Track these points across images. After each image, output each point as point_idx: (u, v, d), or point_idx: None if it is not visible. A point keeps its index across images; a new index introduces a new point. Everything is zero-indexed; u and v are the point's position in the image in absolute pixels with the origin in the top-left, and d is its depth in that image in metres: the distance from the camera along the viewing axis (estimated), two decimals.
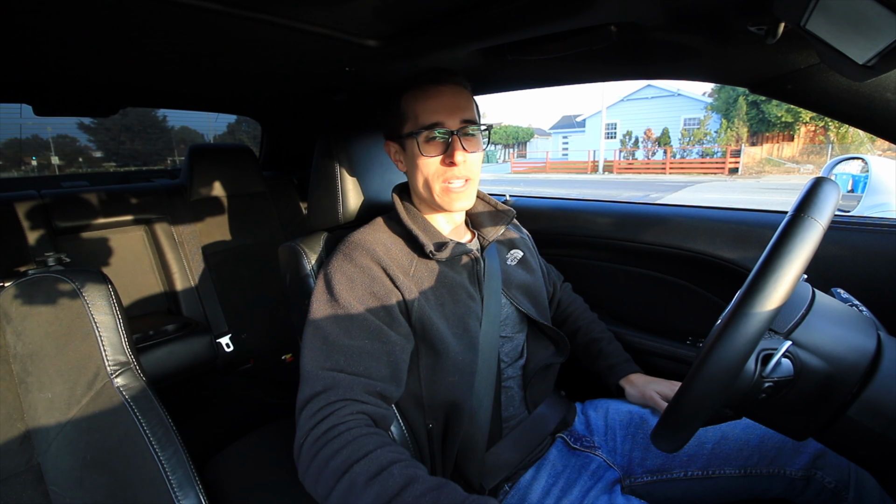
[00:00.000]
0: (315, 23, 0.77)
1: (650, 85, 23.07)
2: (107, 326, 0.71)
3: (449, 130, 0.81)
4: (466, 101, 0.84)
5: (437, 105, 0.81)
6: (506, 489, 0.82)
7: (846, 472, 0.78)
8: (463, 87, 0.86)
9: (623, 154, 23.36)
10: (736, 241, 1.14)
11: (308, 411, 0.66)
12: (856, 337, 0.54)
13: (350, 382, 0.67)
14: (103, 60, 0.97)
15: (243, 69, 1.09)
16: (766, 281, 0.48)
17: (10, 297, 0.69)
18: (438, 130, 0.81)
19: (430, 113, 0.81)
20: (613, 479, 0.86)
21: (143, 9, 0.67)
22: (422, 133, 0.80)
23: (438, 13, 0.74)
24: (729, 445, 0.85)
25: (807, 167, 18.38)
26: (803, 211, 0.50)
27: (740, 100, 20.14)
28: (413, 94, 0.83)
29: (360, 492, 0.57)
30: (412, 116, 0.83)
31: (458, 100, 0.83)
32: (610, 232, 1.37)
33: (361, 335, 0.71)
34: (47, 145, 6.72)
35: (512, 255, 1.00)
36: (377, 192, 1.01)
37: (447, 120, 0.81)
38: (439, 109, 0.81)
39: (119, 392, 0.68)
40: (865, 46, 0.48)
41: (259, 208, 1.99)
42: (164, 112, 6.14)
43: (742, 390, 0.53)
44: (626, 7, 0.67)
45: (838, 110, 0.75)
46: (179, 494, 0.64)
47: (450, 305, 0.82)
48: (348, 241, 0.82)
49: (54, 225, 1.55)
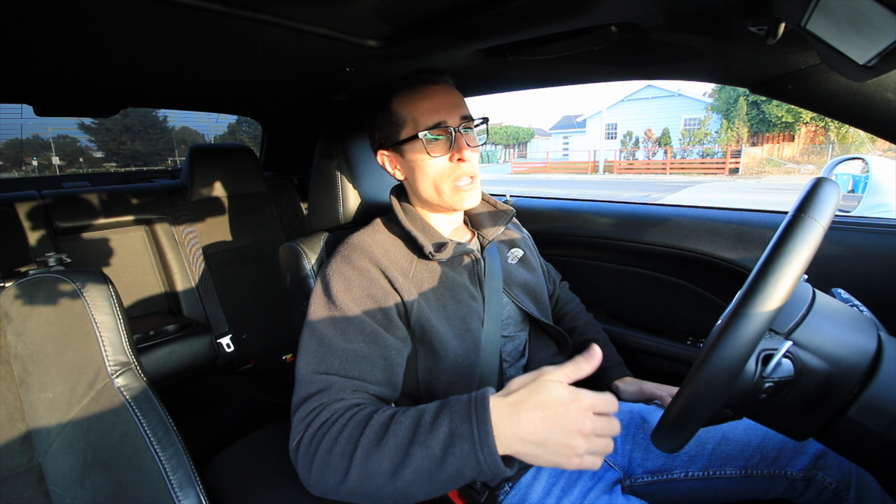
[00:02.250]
0: (315, 23, 0.77)
1: (651, 85, 23.07)
2: (107, 327, 0.71)
3: (452, 128, 0.80)
4: (460, 98, 0.85)
5: (435, 105, 0.81)
6: (506, 489, 0.82)
7: (847, 473, 0.77)
8: (452, 85, 0.86)
9: (623, 154, 23.37)
10: (736, 241, 1.14)
11: (300, 413, 0.65)
12: (856, 337, 0.54)
13: (343, 385, 0.67)
14: (104, 61, 0.97)
15: (244, 69, 1.10)
16: (766, 281, 0.48)
17: (11, 298, 0.69)
18: (442, 129, 0.80)
19: (430, 113, 0.80)
20: (614, 479, 0.86)
21: (144, 9, 0.67)
22: (426, 134, 0.80)
23: (439, 13, 0.74)
24: (730, 446, 0.85)
25: (807, 167, 18.38)
26: (804, 211, 0.50)
27: (741, 100, 20.15)
28: (406, 97, 0.82)
29: (377, 456, 0.56)
30: (410, 120, 0.82)
31: (453, 98, 0.83)
32: (610, 232, 1.37)
33: (357, 338, 0.71)
34: (48, 145, 6.73)
35: (512, 253, 1.00)
36: (377, 193, 1.01)
37: (448, 118, 0.80)
38: (438, 109, 0.80)
39: (120, 392, 0.68)
40: (866, 47, 0.48)
41: (259, 208, 1.99)
42: (165, 112, 6.16)
43: (742, 390, 0.53)
44: (626, 7, 0.67)
45: (839, 110, 0.75)
46: (180, 494, 0.64)
47: (451, 306, 0.82)
48: (347, 243, 0.82)
49: (55, 225, 1.55)
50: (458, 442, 0.54)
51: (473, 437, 0.53)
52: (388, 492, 0.57)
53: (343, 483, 0.58)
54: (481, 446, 0.53)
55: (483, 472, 0.54)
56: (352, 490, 0.58)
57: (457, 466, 0.54)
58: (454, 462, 0.54)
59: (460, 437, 0.54)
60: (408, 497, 0.57)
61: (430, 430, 0.56)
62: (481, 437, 0.53)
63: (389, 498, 0.57)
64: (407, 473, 0.55)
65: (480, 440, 0.53)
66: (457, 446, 0.54)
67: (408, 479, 0.55)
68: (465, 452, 0.53)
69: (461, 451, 0.53)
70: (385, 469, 0.56)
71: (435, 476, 0.55)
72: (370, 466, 0.56)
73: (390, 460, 0.56)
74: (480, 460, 0.53)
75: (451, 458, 0.54)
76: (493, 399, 0.56)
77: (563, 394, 0.54)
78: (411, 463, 0.55)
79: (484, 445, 0.53)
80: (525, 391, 0.55)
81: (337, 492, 0.59)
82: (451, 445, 0.54)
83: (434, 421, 0.56)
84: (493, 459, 0.53)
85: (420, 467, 0.55)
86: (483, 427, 0.53)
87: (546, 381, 0.55)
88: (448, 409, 0.57)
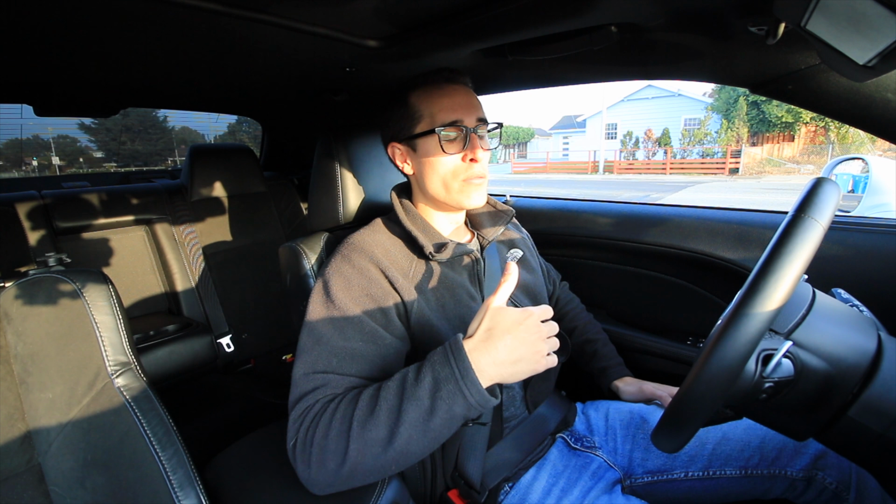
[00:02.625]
0: (315, 23, 0.77)
1: (651, 85, 23.08)
2: (107, 327, 0.71)
3: (468, 128, 0.81)
4: (477, 100, 0.85)
5: (454, 103, 0.81)
6: (506, 489, 0.82)
7: (847, 473, 0.77)
8: (471, 87, 0.86)
9: (623, 154, 23.37)
10: (736, 241, 1.14)
11: (295, 412, 0.66)
12: (856, 337, 0.54)
13: (339, 382, 0.67)
14: (104, 61, 0.97)
15: (244, 69, 1.10)
16: (766, 281, 0.48)
17: (11, 298, 0.69)
18: (459, 128, 0.81)
19: (448, 110, 0.80)
20: (614, 479, 0.86)
21: (144, 9, 0.67)
22: (442, 130, 0.80)
23: (439, 13, 0.74)
24: (730, 446, 0.85)
25: (807, 167, 18.39)
26: (804, 211, 0.50)
27: (741, 100, 20.16)
28: (426, 93, 0.83)
29: (373, 424, 0.59)
30: (427, 115, 0.82)
31: (472, 99, 0.83)
32: (610, 232, 1.37)
33: (356, 337, 0.71)
34: (48, 146, 6.73)
35: (512, 254, 1.00)
36: (377, 192, 1.01)
37: (465, 118, 0.81)
38: (457, 107, 0.81)
39: (120, 392, 0.68)
40: (866, 47, 0.48)
41: (259, 208, 1.99)
42: (165, 112, 6.16)
43: (743, 390, 0.53)
44: (626, 7, 0.67)
45: (839, 111, 0.75)
46: (180, 494, 0.64)
47: (451, 306, 0.82)
48: (347, 243, 0.82)
49: (55, 225, 1.55)
50: (443, 385, 0.59)
51: (455, 376, 0.59)
52: (388, 458, 0.59)
53: (343, 463, 0.59)
54: (464, 382, 0.58)
55: (472, 406, 0.59)
56: (353, 469, 0.59)
57: (446, 409, 0.58)
58: (443, 405, 0.58)
59: (444, 379, 0.59)
60: (407, 457, 0.60)
61: (416, 383, 0.60)
62: (462, 373, 0.58)
63: (390, 464, 0.60)
64: (402, 431, 0.58)
65: (463, 376, 0.58)
66: (442, 389, 0.59)
67: (404, 437, 0.58)
68: (452, 392, 0.58)
69: (448, 392, 0.58)
70: (382, 434, 0.58)
71: (429, 425, 0.58)
72: (367, 436, 0.58)
73: (385, 424, 0.58)
74: (466, 394, 0.58)
75: (440, 402, 0.58)
76: (466, 340, 0.62)
77: (517, 315, 0.62)
78: (405, 419, 0.58)
79: (467, 380, 0.58)
80: (486, 323, 0.62)
81: (338, 475, 0.60)
82: (437, 390, 0.59)
83: (418, 375, 0.61)
84: (477, 390, 0.58)
85: (413, 421, 0.58)
86: (462, 363, 0.59)
87: (499, 310, 0.63)
88: (428, 361, 0.62)
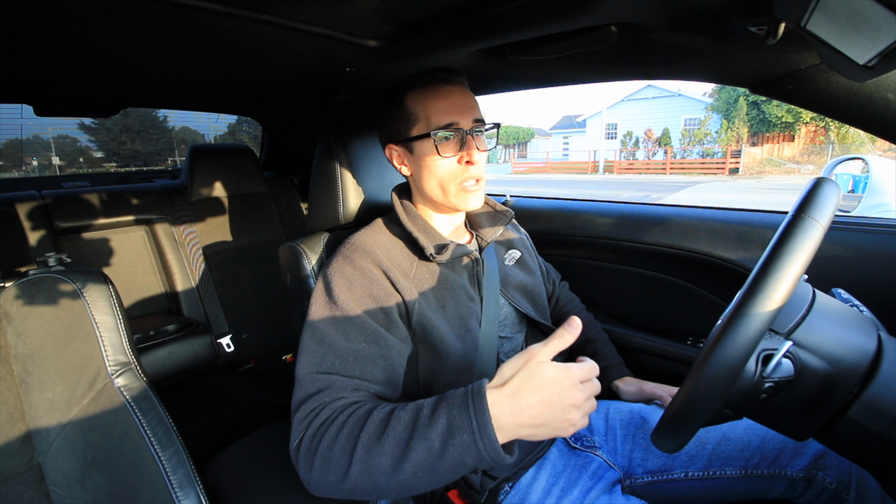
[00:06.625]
0: (315, 23, 0.77)
1: (651, 85, 23.07)
2: (107, 327, 0.71)
3: (464, 130, 0.80)
4: (474, 100, 0.85)
5: (449, 105, 0.80)
6: (506, 489, 0.82)
7: (847, 473, 0.77)
8: (467, 87, 0.86)
9: (624, 154, 23.37)
10: (736, 241, 1.14)
11: (301, 413, 0.65)
12: (856, 337, 0.54)
13: (344, 384, 0.67)
14: (104, 60, 0.97)
15: (244, 69, 1.10)
16: (766, 281, 0.48)
17: (11, 298, 0.69)
18: (454, 130, 0.80)
19: (443, 113, 0.80)
20: (614, 479, 0.86)
21: (144, 9, 0.67)
22: (437, 133, 0.79)
23: (439, 13, 0.74)
24: (730, 446, 0.85)
25: (807, 167, 18.38)
26: (804, 211, 0.50)
27: (741, 100, 20.16)
28: (421, 94, 0.82)
29: (377, 452, 0.57)
30: (423, 117, 0.81)
31: (468, 100, 0.83)
32: (610, 232, 1.37)
33: (358, 338, 0.71)
34: (48, 146, 6.72)
35: (510, 255, 1.00)
36: (377, 193, 1.01)
37: (461, 120, 0.80)
38: (452, 109, 0.80)
39: (120, 392, 0.68)
40: (866, 47, 0.48)
41: (260, 208, 1.99)
42: (165, 112, 6.15)
43: (743, 390, 0.53)
44: (626, 7, 0.67)
45: (839, 110, 0.75)
46: (180, 494, 0.64)
47: (451, 307, 0.82)
48: (348, 244, 0.82)
49: (55, 225, 1.55)
50: (458, 433, 0.55)
51: (472, 427, 0.54)
52: (391, 486, 0.57)
53: (344, 480, 0.58)
54: (480, 435, 0.54)
55: (484, 461, 0.55)
56: (353, 486, 0.58)
57: (457, 457, 0.55)
58: (454, 453, 0.55)
59: (459, 427, 0.55)
60: (410, 489, 0.58)
61: (429, 423, 0.57)
62: (480, 426, 0.54)
63: (392, 492, 0.58)
64: (408, 467, 0.56)
65: (479, 429, 0.54)
66: (456, 437, 0.55)
67: (409, 472, 0.56)
68: (465, 443, 0.54)
69: (461, 442, 0.55)
70: (386, 464, 0.56)
71: (436, 468, 0.56)
72: (371, 462, 0.57)
73: (391, 455, 0.56)
74: (480, 448, 0.54)
75: (451, 450, 0.55)
76: (491, 390, 0.56)
77: (556, 374, 0.55)
78: (412, 457, 0.56)
79: (483, 434, 0.54)
80: (520, 378, 0.56)
81: (339, 489, 0.59)
82: (450, 437, 0.55)
83: (432, 414, 0.57)
84: (493, 447, 0.54)
85: (421, 460, 0.56)
86: (481, 416, 0.54)
87: (538, 365, 0.56)
88: (445, 402, 0.58)
